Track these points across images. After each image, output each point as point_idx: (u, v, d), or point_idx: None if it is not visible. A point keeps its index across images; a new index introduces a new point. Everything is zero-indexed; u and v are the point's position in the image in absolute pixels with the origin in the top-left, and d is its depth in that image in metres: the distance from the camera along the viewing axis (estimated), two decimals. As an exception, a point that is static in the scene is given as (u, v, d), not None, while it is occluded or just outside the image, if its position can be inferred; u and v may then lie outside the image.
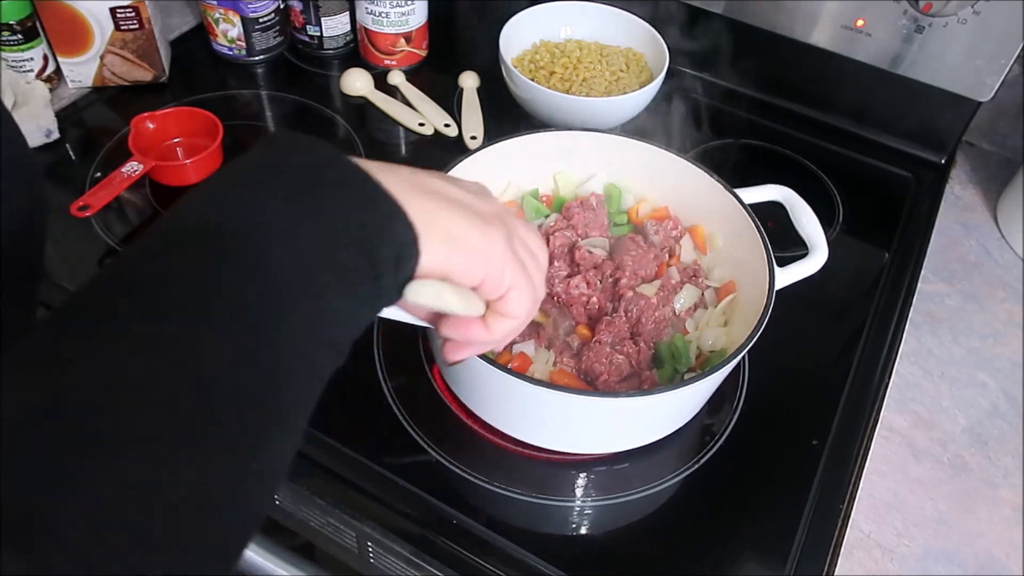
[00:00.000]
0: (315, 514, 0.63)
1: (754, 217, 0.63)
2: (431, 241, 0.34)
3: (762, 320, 0.55)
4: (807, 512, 0.60)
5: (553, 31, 0.92)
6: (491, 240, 0.37)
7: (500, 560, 0.56)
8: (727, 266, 0.67)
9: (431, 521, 0.58)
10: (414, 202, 0.33)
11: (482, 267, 0.37)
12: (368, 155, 0.86)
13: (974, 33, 0.80)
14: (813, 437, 0.65)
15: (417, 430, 0.63)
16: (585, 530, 0.59)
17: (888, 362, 0.71)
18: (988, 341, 0.75)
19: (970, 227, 0.87)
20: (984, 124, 0.94)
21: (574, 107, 0.81)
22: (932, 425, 0.68)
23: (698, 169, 0.67)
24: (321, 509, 0.62)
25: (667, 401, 0.56)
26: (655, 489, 0.61)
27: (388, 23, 0.92)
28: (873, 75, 0.88)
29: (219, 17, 0.91)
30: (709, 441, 0.64)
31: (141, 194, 0.80)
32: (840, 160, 0.93)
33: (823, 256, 0.62)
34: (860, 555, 0.59)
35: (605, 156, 0.71)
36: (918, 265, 0.80)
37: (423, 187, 0.35)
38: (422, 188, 0.35)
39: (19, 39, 0.83)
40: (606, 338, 0.61)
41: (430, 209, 0.34)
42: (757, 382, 0.68)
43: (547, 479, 0.61)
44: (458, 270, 0.36)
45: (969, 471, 0.65)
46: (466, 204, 0.37)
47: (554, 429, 0.59)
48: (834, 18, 0.86)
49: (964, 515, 0.62)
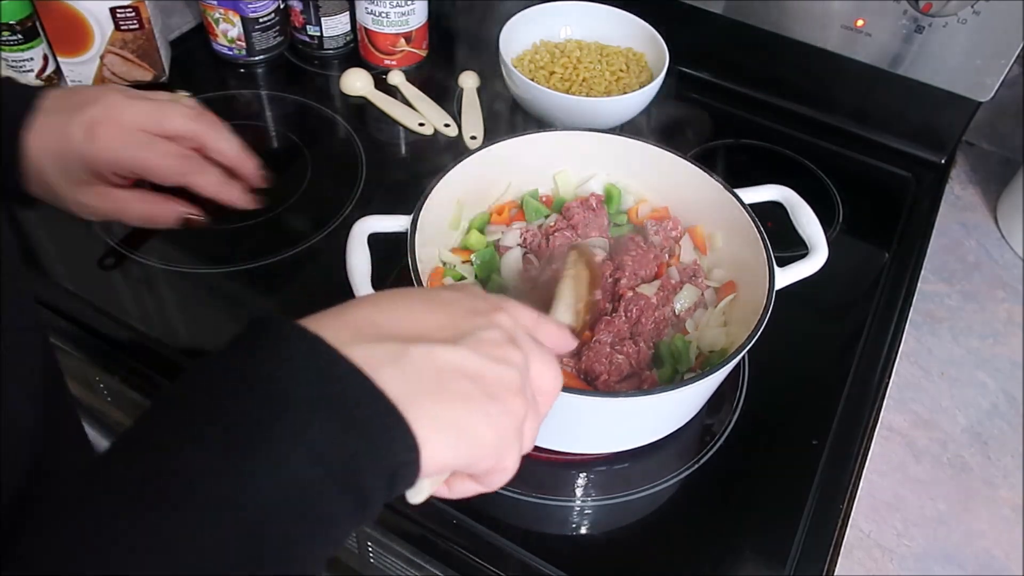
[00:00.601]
0: (315, 514, 0.63)
1: (754, 217, 0.63)
2: (437, 445, 0.30)
3: (762, 320, 0.55)
4: (807, 512, 0.60)
5: (553, 31, 0.92)
6: (501, 430, 0.33)
7: (500, 560, 0.56)
8: (727, 266, 0.67)
9: (431, 521, 0.58)
10: (422, 401, 0.29)
11: (488, 460, 0.33)
12: (368, 155, 0.86)
13: (974, 33, 0.80)
14: (813, 437, 0.65)
15: (417, 430, 0.63)
16: (585, 530, 0.59)
17: (888, 362, 0.71)
18: (988, 341, 0.75)
19: (970, 227, 0.87)
20: (984, 124, 0.94)
21: (574, 107, 0.81)
22: (932, 425, 0.68)
23: (698, 169, 0.67)
24: (321, 509, 0.62)
25: (667, 401, 0.56)
26: (655, 489, 0.61)
27: (388, 23, 0.92)
28: (873, 75, 0.88)
29: (219, 17, 0.91)
30: (709, 441, 0.64)
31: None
32: (840, 160, 0.93)
33: (823, 256, 0.62)
34: (860, 555, 0.59)
35: (605, 156, 0.71)
36: (918, 265, 0.80)
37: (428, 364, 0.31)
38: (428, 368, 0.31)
39: (19, 39, 0.83)
40: (605, 338, 0.61)
41: (438, 401, 0.30)
42: (757, 382, 0.68)
43: (547, 479, 0.61)
44: (463, 467, 0.33)
45: (969, 471, 0.65)
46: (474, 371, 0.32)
47: (554, 429, 0.59)
48: (834, 18, 0.86)
49: (964, 515, 0.62)
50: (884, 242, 0.84)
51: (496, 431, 0.32)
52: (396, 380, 0.29)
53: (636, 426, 0.59)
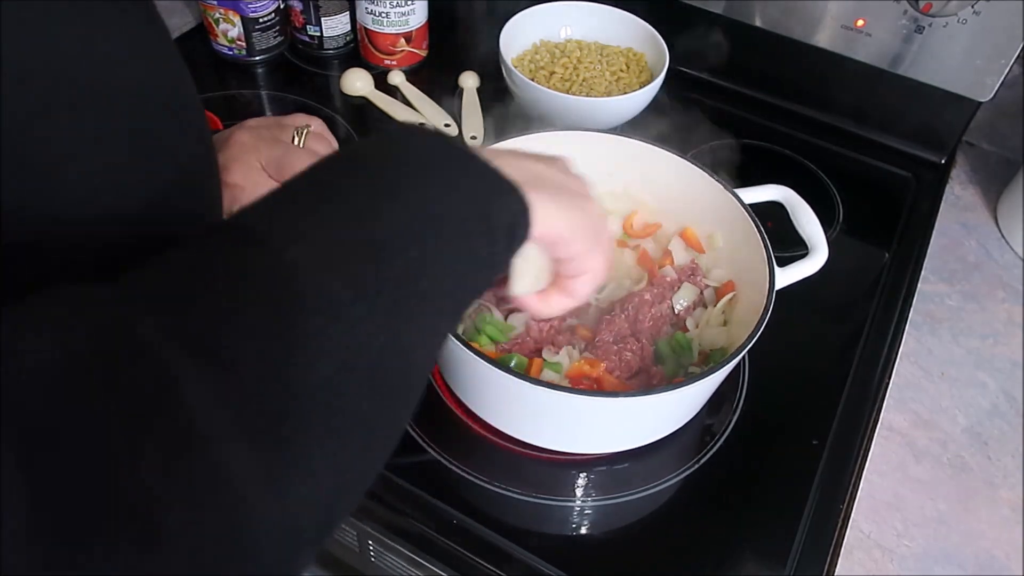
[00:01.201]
0: (315, 514, 0.63)
1: (754, 217, 0.63)
2: (542, 211, 0.36)
3: (762, 320, 0.55)
4: (807, 512, 0.60)
5: (553, 31, 0.92)
6: (589, 221, 0.40)
7: (500, 560, 0.56)
8: (727, 266, 0.67)
9: (431, 521, 0.58)
10: (529, 188, 0.36)
11: (584, 238, 0.40)
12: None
13: (974, 33, 0.80)
14: (813, 437, 0.65)
15: (417, 430, 0.63)
16: (585, 530, 0.59)
17: (888, 362, 0.71)
18: (988, 341, 0.75)
19: (970, 227, 0.87)
20: (984, 124, 0.94)
21: (574, 107, 0.81)
22: (932, 425, 0.68)
23: (698, 169, 0.67)
24: (321, 509, 0.62)
25: (668, 401, 0.56)
26: (655, 489, 0.61)
27: (388, 23, 0.92)
28: (873, 75, 0.88)
29: (219, 17, 0.91)
30: (709, 441, 0.64)
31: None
32: (840, 160, 0.93)
33: (823, 256, 0.62)
34: (860, 555, 0.59)
35: (606, 156, 0.71)
36: (918, 265, 0.80)
37: (532, 172, 0.38)
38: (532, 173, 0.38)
39: (19, 39, 0.83)
40: (608, 337, 0.61)
41: (542, 190, 0.37)
42: (757, 382, 0.68)
43: (547, 479, 0.61)
44: (566, 235, 0.39)
45: (969, 471, 0.65)
46: (572, 188, 0.40)
47: (554, 429, 0.59)
48: (834, 18, 0.86)
49: (964, 515, 0.62)
50: (884, 242, 0.84)
51: (585, 221, 0.40)
52: (512, 170, 0.36)
53: (636, 426, 0.59)
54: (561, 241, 0.39)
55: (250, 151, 0.58)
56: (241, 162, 0.58)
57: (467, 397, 0.62)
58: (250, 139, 0.59)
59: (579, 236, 0.40)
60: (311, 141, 0.62)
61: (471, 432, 0.63)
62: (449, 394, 0.64)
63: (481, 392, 0.60)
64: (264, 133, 0.60)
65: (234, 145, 0.58)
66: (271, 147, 0.59)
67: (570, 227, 0.39)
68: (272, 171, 0.58)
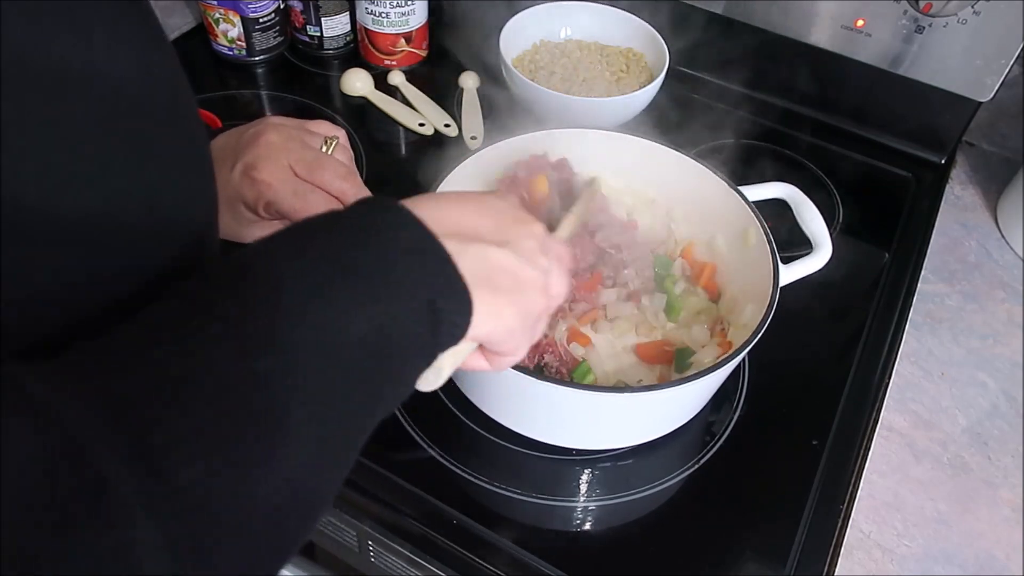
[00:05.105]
0: (315, 514, 0.63)
1: (758, 214, 0.63)
2: (481, 318, 0.37)
3: (765, 319, 0.55)
4: (807, 512, 0.60)
5: (553, 31, 0.92)
6: (525, 319, 0.40)
7: (500, 560, 0.56)
8: (729, 265, 0.67)
9: (431, 520, 0.58)
10: (473, 288, 0.36)
11: (511, 341, 0.40)
12: (368, 155, 0.86)
13: (974, 33, 0.80)
14: (813, 437, 0.65)
15: (417, 429, 0.63)
16: (585, 530, 0.59)
17: (888, 362, 0.71)
18: (988, 341, 0.75)
19: (970, 227, 0.87)
20: (984, 124, 0.94)
21: (574, 107, 0.81)
22: (932, 425, 0.68)
23: (702, 167, 0.67)
24: (321, 509, 0.62)
25: (668, 398, 0.56)
26: (655, 489, 0.61)
27: (388, 23, 0.92)
28: (873, 75, 0.88)
29: (219, 17, 0.91)
30: (709, 441, 0.64)
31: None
32: (840, 160, 0.93)
33: (827, 253, 0.63)
34: (860, 555, 0.59)
35: (607, 155, 0.71)
36: (918, 265, 0.80)
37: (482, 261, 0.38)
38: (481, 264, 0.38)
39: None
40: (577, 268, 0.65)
41: (486, 290, 0.37)
42: (757, 382, 0.68)
43: (547, 479, 0.61)
44: (501, 336, 0.39)
45: (969, 471, 0.65)
46: (515, 271, 0.39)
47: (555, 423, 0.59)
48: (834, 18, 0.86)
49: (964, 515, 0.62)
50: (884, 242, 0.84)
51: (522, 320, 0.40)
52: (466, 259, 0.36)
53: (637, 422, 0.59)
54: (494, 340, 0.40)
55: (280, 151, 0.59)
56: (271, 160, 0.58)
57: (469, 392, 0.62)
58: (279, 139, 0.59)
59: (513, 336, 0.40)
60: (337, 151, 0.62)
61: (471, 431, 0.63)
62: (449, 394, 0.64)
63: (483, 387, 0.60)
64: (293, 134, 0.60)
65: (263, 145, 0.59)
66: (302, 150, 0.59)
67: (507, 329, 0.39)
68: (302, 172, 0.59)
